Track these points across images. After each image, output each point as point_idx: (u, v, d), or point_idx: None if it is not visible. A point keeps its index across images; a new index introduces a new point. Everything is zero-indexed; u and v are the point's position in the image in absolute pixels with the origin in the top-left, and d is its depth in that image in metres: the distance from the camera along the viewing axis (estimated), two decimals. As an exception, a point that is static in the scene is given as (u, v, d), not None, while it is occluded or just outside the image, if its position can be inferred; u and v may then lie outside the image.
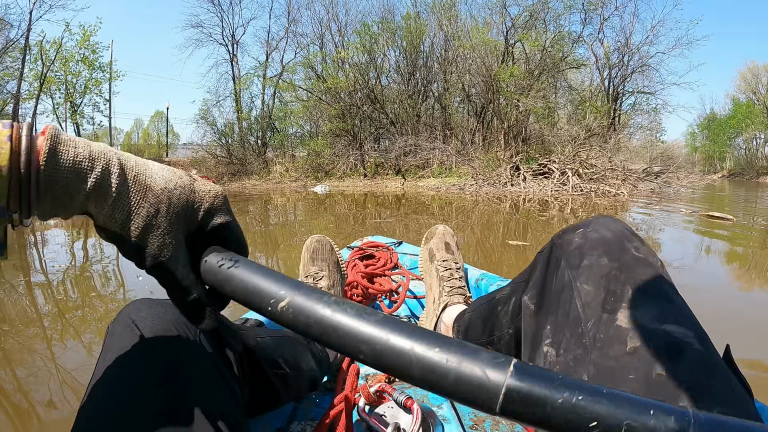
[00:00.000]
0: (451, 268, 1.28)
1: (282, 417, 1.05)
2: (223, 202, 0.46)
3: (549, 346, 0.59)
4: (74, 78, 19.59)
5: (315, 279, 1.28)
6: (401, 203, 9.78)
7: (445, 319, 1.18)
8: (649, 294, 0.52)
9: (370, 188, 14.40)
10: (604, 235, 0.60)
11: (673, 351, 0.46)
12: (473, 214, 7.50)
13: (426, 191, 12.66)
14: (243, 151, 19.47)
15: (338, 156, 17.76)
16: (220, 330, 0.63)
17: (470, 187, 12.65)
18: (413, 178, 15.64)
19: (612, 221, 0.62)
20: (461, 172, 14.80)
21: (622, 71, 17.62)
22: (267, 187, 16.04)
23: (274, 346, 0.82)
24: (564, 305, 0.58)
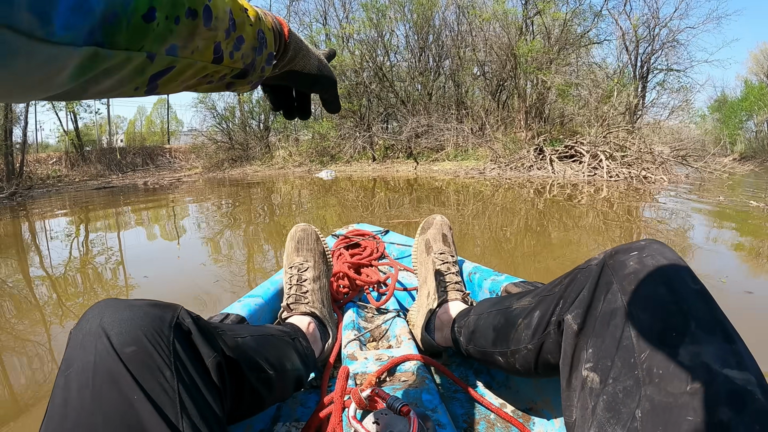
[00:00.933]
0: (448, 262, 1.23)
1: (265, 418, 1.00)
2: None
3: (590, 371, 0.56)
4: None
5: (300, 270, 1.22)
6: (413, 189, 8.95)
7: (441, 315, 1.13)
8: (711, 331, 0.49)
9: (380, 173, 13.54)
10: (661, 263, 0.56)
11: (735, 399, 0.44)
12: (490, 204, 6.39)
13: (441, 176, 11.65)
14: (244, 135, 18.91)
15: (344, 139, 16.74)
16: (196, 338, 0.59)
17: (491, 171, 11.37)
18: (426, 162, 14.44)
19: (667, 249, 0.59)
20: (479, 154, 13.51)
21: (650, 46, 16.17)
22: (270, 173, 15.42)
23: (257, 346, 0.76)
24: (614, 331, 0.55)
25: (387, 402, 0.71)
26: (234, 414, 0.70)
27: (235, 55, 0.44)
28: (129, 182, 14.38)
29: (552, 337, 0.69)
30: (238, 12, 0.43)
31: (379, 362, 0.99)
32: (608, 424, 0.50)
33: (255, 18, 0.46)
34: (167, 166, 19.50)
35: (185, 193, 10.03)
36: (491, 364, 0.91)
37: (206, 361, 0.58)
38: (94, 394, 0.46)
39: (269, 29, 0.50)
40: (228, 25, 0.41)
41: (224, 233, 4.79)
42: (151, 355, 0.51)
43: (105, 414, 0.45)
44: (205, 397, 0.54)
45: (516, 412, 1.00)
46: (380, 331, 1.25)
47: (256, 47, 0.47)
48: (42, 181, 14.05)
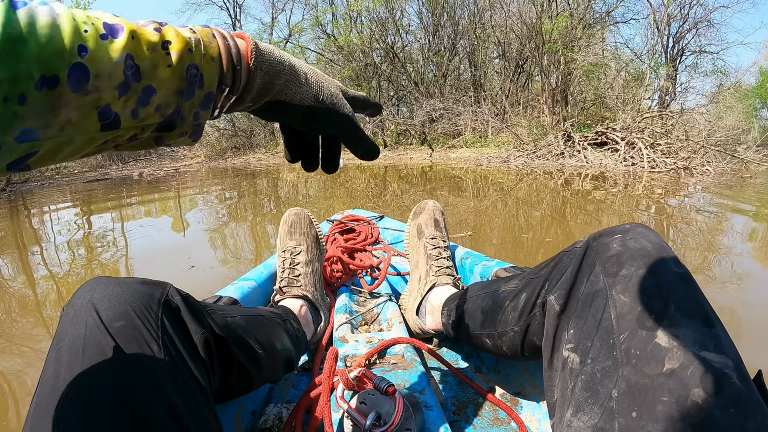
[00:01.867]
0: (439, 246, 1.23)
1: (257, 399, 1.01)
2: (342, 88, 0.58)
3: (571, 352, 0.56)
4: None
5: (293, 254, 1.23)
6: (428, 178, 8.15)
7: (432, 299, 1.14)
8: (690, 315, 0.49)
9: (392, 160, 12.29)
10: (644, 246, 0.57)
11: (712, 382, 0.44)
12: (522, 199, 5.25)
13: (460, 164, 10.42)
14: (248, 122, 17.83)
15: None
16: (185, 315, 0.59)
17: (516, 159, 9.92)
18: (442, 149, 13.17)
19: (652, 232, 0.59)
20: (499, 140, 12.28)
21: (682, 26, 14.58)
22: (274, 162, 14.34)
23: (246, 326, 0.77)
24: (595, 312, 0.56)
25: (374, 382, 0.72)
26: (223, 391, 0.71)
27: (141, 112, 0.36)
28: (126, 173, 13.35)
29: (537, 319, 0.70)
30: (145, 53, 0.35)
31: (370, 345, 1.00)
32: (586, 404, 0.50)
33: (182, 51, 0.38)
34: (169, 155, 18.57)
35: (182, 186, 9.16)
36: (480, 347, 0.92)
37: (194, 337, 0.59)
38: (83, 366, 0.47)
39: (211, 59, 0.40)
40: (123, 78, 0.34)
41: (229, 225, 4.44)
42: (139, 330, 0.51)
43: (94, 385, 0.46)
44: (192, 372, 0.54)
45: (504, 396, 1.01)
46: (372, 314, 1.25)
47: (182, 90, 0.38)
48: (40, 173, 13.75)
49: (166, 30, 0.38)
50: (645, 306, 0.51)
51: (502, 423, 0.91)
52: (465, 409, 0.95)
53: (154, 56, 0.36)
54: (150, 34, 0.36)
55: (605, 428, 0.47)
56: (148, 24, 0.37)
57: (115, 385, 0.46)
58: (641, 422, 0.45)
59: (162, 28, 0.37)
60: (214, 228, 4.32)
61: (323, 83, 0.51)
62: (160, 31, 0.37)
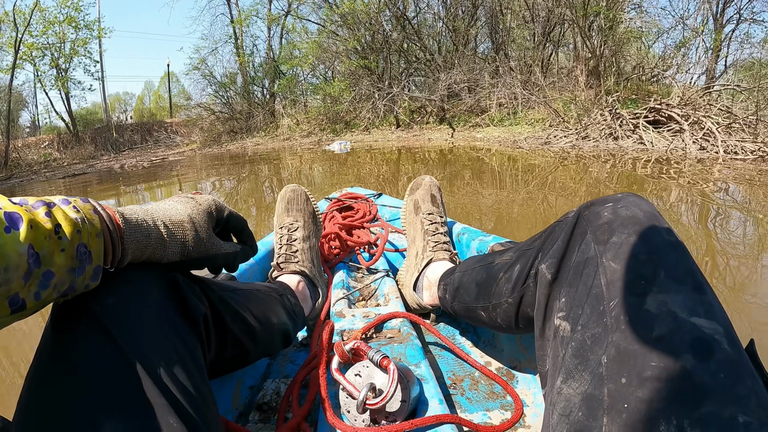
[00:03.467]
0: (436, 222, 1.23)
1: (255, 374, 1.02)
2: (219, 203, 0.67)
3: (562, 320, 0.56)
4: (59, 41, 16.18)
5: (290, 230, 1.23)
6: (447, 161, 6.99)
7: (429, 274, 1.14)
8: (681, 281, 0.49)
9: (406, 142, 10.76)
10: (635, 213, 0.56)
11: (701, 347, 0.44)
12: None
13: (487, 145, 8.78)
14: (247, 103, 16.46)
15: (361, 101, 13.44)
16: (182, 288, 0.59)
17: (559, 140, 7.89)
18: (465, 128, 11.18)
19: (644, 201, 0.59)
20: (531, 118, 10.15)
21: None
22: (273, 146, 13.00)
23: (242, 300, 0.77)
24: (586, 280, 0.55)
25: (368, 354, 0.72)
26: (219, 365, 0.71)
27: (42, 294, 0.40)
28: (106, 166, 12.04)
29: (531, 289, 0.69)
30: (43, 241, 0.39)
31: (366, 319, 1.01)
32: (576, 371, 0.50)
33: (72, 233, 0.41)
34: (166, 142, 17.48)
35: (165, 179, 7.86)
36: (475, 320, 0.92)
37: (191, 311, 0.59)
38: (81, 339, 0.46)
39: (97, 235, 0.45)
40: (27, 267, 0.37)
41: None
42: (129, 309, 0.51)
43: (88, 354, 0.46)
44: (186, 346, 0.54)
45: (500, 370, 1.02)
46: (369, 290, 1.26)
47: (74, 268, 0.42)
48: (29, 167, 13.02)
49: (56, 213, 0.41)
50: (635, 272, 0.51)
51: (497, 396, 0.92)
52: (461, 383, 0.96)
53: (51, 243, 0.40)
54: (44, 222, 0.40)
55: (594, 394, 0.47)
56: (39, 207, 0.41)
57: (108, 356, 0.46)
58: (630, 388, 0.45)
59: (52, 211, 0.41)
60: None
61: (188, 237, 0.58)
62: (50, 216, 0.41)
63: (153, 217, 0.54)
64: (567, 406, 0.50)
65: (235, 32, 16.65)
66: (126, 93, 41.88)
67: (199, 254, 0.60)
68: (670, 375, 0.43)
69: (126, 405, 0.44)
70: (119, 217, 0.49)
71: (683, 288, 0.48)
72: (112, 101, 27.47)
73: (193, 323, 0.59)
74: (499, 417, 0.86)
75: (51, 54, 16.34)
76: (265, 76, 17.13)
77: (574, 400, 0.49)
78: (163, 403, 0.46)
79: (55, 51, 16.40)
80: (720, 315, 0.47)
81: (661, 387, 0.43)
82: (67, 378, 0.44)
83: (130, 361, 0.47)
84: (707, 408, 0.41)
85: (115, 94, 37.49)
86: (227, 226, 0.69)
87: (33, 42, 15.44)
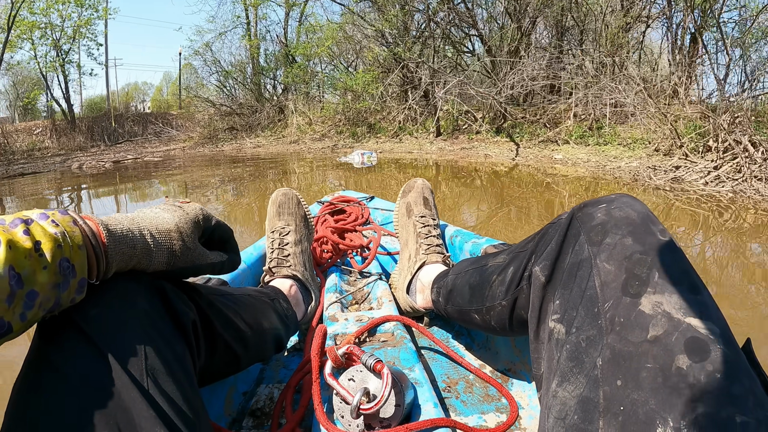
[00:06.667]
0: (429, 225, 1.23)
1: (249, 380, 1.01)
2: (207, 213, 0.66)
3: (557, 323, 0.56)
4: (60, 20, 14.79)
5: (281, 234, 1.22)
6: (546, 203, 4.22)
7: (422, 277, 1.14)
8: (676, 282, 0.49)
9: (452, 156, 8.13)
10: (629, 214, 0.56)
11: (697, 348, 0.44)
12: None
13: (574, 170, 6.16)
14: (253, 96, 14.46)
15: (392, 99, 10.76)
16: (170, 296, 0.58)
17: (692, 175, 4.91)
18: (532, 143, 8.10)
19: (637, 201, 0.58)
20: (627, 136, 7.12)
21: None
22: (277, 150, 10.79)
23: (233, 306, 0.76)
24: (580, 282, 0.55)
25: (361, 359, 0.72)
26: (210, 372, 0.70)
27: (28, 314, 0.40)
28: (64, 165, 10.14)
29: (525, 292, 0.69)
30: (24, 261, 0.38)
31: (359, 323, 1.00)
32: (571, 374, 0.50)
33: (53, 249, 0.41)
34: (168, 135, 15.77)
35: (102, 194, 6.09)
36: (469, 323, 0.91)
37: (179, 318, 0.58)
38: (69, 350, 0.46)
39: (79, 247, 0.44)
40: (9, 289, 0.37)
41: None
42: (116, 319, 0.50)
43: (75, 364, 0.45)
44: (174, 355, 0.53)
45: (495, 373, 1.01)
46: (362, 293, 1.25)
47: (58, 284, 0.42)
48: (12, 155, 11.97)
49: (34, 229, 0.41)
50: (629, 274, 0.50)
51: (492, 399, 0.92)
52: (455, 386, 0.96)
53: (32, 262, 0.39)
54: (23, 240, 0.39)
55: (590, 397, 0.47)
56: (17, 225, 0.41)
57: (95, 365, 0.45)
58: (626, 390, 0.44)
59: (30, 228, 0.41)
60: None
61: (175, 246, 0.57)
62: (29, 233, 0.40)
63: (139, 226, 0.54)
64: (563, 410, 0.49)
65: (247, 14, 14.44)
66: (144, 83, 41.59)
67: (185, 264, 0.60)
68: (665, 376, 0.43)
69: (112, 418, 0.43)
70: (103, 228, 0.48)
71: (678, 289, 0.48)
72: (130, 90, 27.09)
73: (182, 330, 0.58)
74: (495, 420, 0.86)
75: (51, 34, 15.10)
76: (277, 67, 14.91)
77: (570, 403, 0.49)
78: (152, 415, 0.45)
79: (56, 31, 15.21)
80: (715, 315, 0.47)
81: (657, 388, 0.43)
82: (52, 391, 0.43)
83: (116, 372, 0.46)
84: (704, 409, 0.40)
85: (134, 83, 36.98)
86: (213, 235, 0.69)
87: (34, 20, 14.28)
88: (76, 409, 0.42)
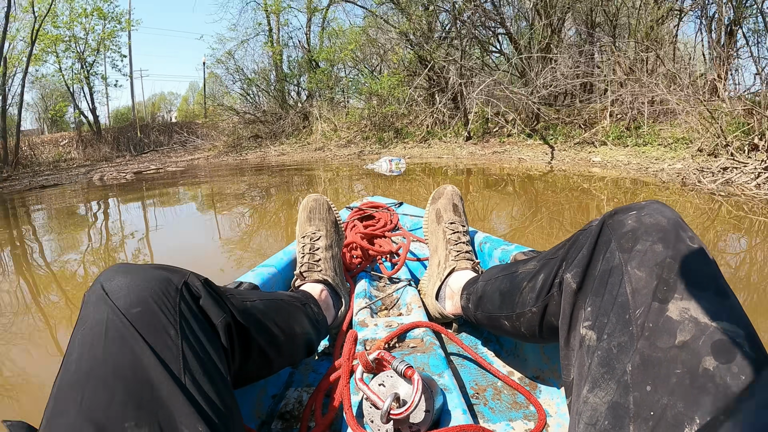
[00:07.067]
0: (458, 231, 1.23)
1: (278, 383, 1.03)
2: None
3: (588, 329, 0.56)
4: (84, 32, 15.15)
5: (312, 239, 1.24)
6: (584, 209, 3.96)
7: (451, 284, 1.14)
8: (703, 287, 0.49)
9: (484, 161, 7.85)
10: (659, 221, 0.56)
11: (722, 350, 0.45)
12: None
13: (615, 172, 5.91)
14: (277, 103, 14.28)
15: (418, 103, 10.65)
16: (205, 300, 0.61)
17: (741, 177, 4.54)
18: (567, 145, 7.78)
19: (667, 208, 0.59)
20: (666, 135, 6.79)
21: None
22: (301, 157, 10.61)
23: (266, 310, 0.78)
24: (611, 289, 0.56)
25: (392, 364, 0.73)
26: (243, 374, 0.72)
27: None
28: (86, 177, 9.69)
29: (555, 299, 0.69)
30: None
31: (389, 329, 1.01)
32: (602, 380, 0.50)
33: None
34: (193, 144, 15.80)
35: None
36: (498, 330, 0.92)
37: (215, 321, 0.60)
38: (105, 348, 0.49)
39: None
40: None
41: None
42: (156, 315, 0.53)
43: (115, 365, 0.48)
44: (210, 355, 0.56)
45: (523, 380, 1.01)
46: (391, 299, 1.26)
47: None
48: (39, 167, 12.06)
49: None
50: (659, 280, 0.51)
51: (520, 407, 0.92)
52: (484, 393, 0.96)
53: None
54: None
55: (620, 402, 0.47)
56: None
57: (135, 367, 0.48)
58: (656, 395, 0.45)
59: None
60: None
61: None
62: None
63: None
64: (593, 415, 0.50)
65: (269, 21, 14.54)
66: (171, 93, 42.52)
67: None
68: (693, 379, 0.44)
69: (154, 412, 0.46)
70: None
71: (705, 294, 0.49)
72: (157, 101, 27.73)
73: (217, 333, 0.60)
74: (522, 427, 0.86)
75: (75, 46, 15.53)
76: (300, 73, 14.95)
77: (601, 409, 0.49)
78: (191, 411, 0.48)
79: (80, 43, 15.58)
80: (741, 319, 0.47)
81: (685, 391, 0.43)
82: (98, 382, 0.46)
83: (157, 369, 0.48)
84: (729, 409, 0.42)
85: (160, 93, 37.85)
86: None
87: (58, 34, 14.60)
88: (119, 401, 0.46)
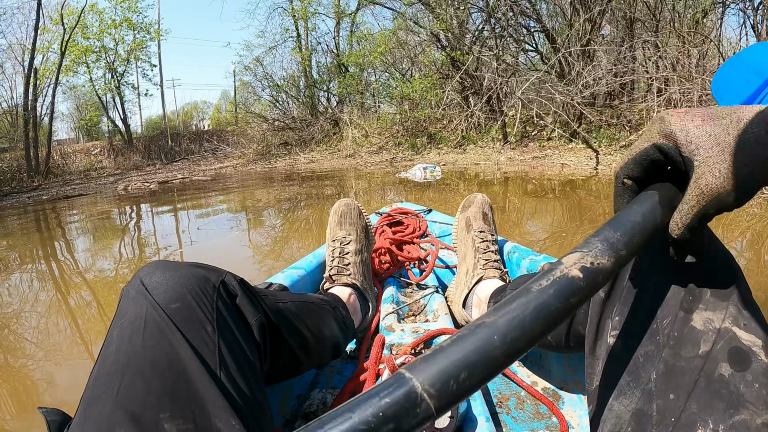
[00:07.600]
0: (487, 240, 1.24)
1: (303, 384, 1.05)
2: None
3: (615, 338, 0.57)
4: (114, 43, 15.41)
5: (342, 243, 1.26)
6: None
7: (479, 292, 1.15)
8: (727, 297, 0.50)
9: (524, 167, 7.45)
10: None
11: (738, 358, 0.46)
12: None
13: None
14: (307, 110, 14.10)
15: (453, 107, 10.17)
16: (241, 299, 0.63)
17: None
18: (613, 149, 7.34)
19: None
20: None
21: None
22: (331, 165, 10.25)
23: (297, 312, 0.81)
24: (639, 298, 0.56)
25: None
26: (271, 374, 0.75)
27: None
28: (112, 187, 9.46)
29: (583, 308, 0.70)
30: None
31: (415, 334, 1.03)
32: (627, 388, 0.51)
33: None
34: (223, 152, 15.44)
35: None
36: None
37: (249, 320, 0.63)
38: (144, 341, 0.51)
39: None
40: None
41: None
42: (194, 311, 0.56)
43: (152, 358, 0.50)
44: (244, 352, 0.59)
45: (547, 390, 1.02)
46: (418, 305, 1.28)
47: None
48: (70, 176, 12.31)
49: None
50: (686, 290, 0.51)
51: (543, 417, 0.92)
52: (507, 402, 0.97)
53: None
54: None
55: (644, 410, 0.48)
56: None
57: (173, 359, 0.51)
58: (678, 403, 0.46)
59: None
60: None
61: None
62: None
63: None
64: (617, 423, 0.51)
65: (297, 27, 14.32)
66: (204, 102, 43.19)
67: None
68: (710, 386, 0.45)
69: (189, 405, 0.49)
70: None
71: (727, 304, 0.49)
72: (189, 109, 28.33)
73: (251, 331, 0.63)
74: (545, 438, 0.86)
75: (105, 57, 15.70)
76: (330, 79, 14.66)
77: (625, 416, 0.50)
78: (225, 404, 0.51)
79: (110, 54, 15.78)
80: (760, 328, 0.48)
81: (706, 400, 0.44)
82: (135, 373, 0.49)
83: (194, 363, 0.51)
84: (741, 416, 0.42)
85: (193, 102, 38.59)
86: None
87: (88, 45, 14.84)
88: (157, 392, 0.48)
